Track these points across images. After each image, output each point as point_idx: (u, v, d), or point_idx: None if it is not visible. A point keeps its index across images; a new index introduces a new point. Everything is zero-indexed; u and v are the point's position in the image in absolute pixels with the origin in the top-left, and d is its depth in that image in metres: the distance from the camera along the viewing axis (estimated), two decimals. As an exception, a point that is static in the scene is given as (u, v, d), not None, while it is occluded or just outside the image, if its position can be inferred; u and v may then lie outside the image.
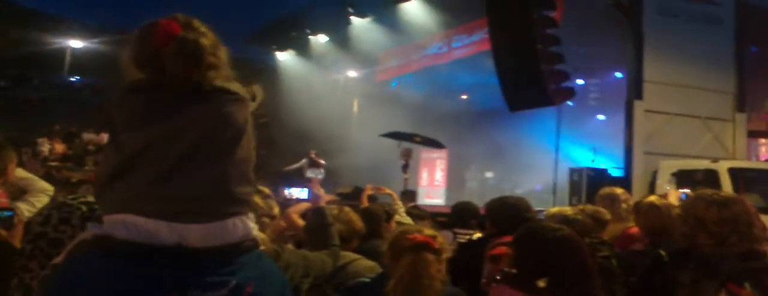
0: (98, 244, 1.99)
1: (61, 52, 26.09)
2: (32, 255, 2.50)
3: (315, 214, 3.43)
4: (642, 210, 3.99)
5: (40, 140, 18.98)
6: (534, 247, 2.62)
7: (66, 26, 26.83)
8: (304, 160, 17.60)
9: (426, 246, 2.76)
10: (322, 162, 17.61)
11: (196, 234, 1.96)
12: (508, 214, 3.82)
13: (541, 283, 2.46)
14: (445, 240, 2.92)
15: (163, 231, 1.94)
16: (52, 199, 3.28)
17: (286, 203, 3.68)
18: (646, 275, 3.05)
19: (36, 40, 25.50)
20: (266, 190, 3.48)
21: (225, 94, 2.11)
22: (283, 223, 3.76)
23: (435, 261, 2.72)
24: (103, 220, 2.03)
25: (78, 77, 28.78)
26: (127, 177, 2.04)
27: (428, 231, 2.88)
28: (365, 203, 5.94)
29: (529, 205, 3.96)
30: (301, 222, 3.85)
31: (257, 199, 3.21)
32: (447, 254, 2.82)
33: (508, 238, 3.04)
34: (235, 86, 2.17)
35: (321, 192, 3.49)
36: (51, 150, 18.62)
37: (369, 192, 6.50)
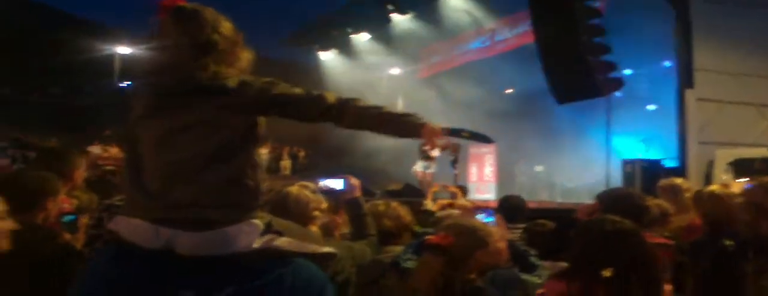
0: (111, 238, 2.12)
1: (110, 59, 26.67)
2: (91, 257, 2.56)
3: (350, 205, 3.45)
4: (702, 200, 3.91)
5: (93, 147, 19.42)
6: (592, 240, 2.58)
7: (113, 33, 27.41)
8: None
9: (431, 247, 2.77)
10: (435, 154, 16.92)
11: (185, 242, 1.98)
12: (623, 206, 3.54)
13: (607, 273, 2.41)
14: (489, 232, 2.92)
15: (151, 235, 1.99)
16: (100, 202, 3.35)
17: (325, 195, 3.68)
18: (714, 265, 2.99)
19: (85, 48, 26.12)
20: (311, 185, 3.50)
21: (223, 96, 2.06)
22: (339, 219, 3.78)
23: (440, 262, 2.70)
24: (119, 219, 2.13)
25: (128, 83, 29.42)
26: (133, 180, 2.12)
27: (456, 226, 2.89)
28: (430, 199, 6.01)
29: (643, 195, 3.74)
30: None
31: (308, 194, 3.26)
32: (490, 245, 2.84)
33: None
34: (238, 78, 2.11)
35: (356, 182, 3.52)
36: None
37: (435, 189, 6.57)
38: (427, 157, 15.81)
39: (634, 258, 2.46)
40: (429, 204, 5.84)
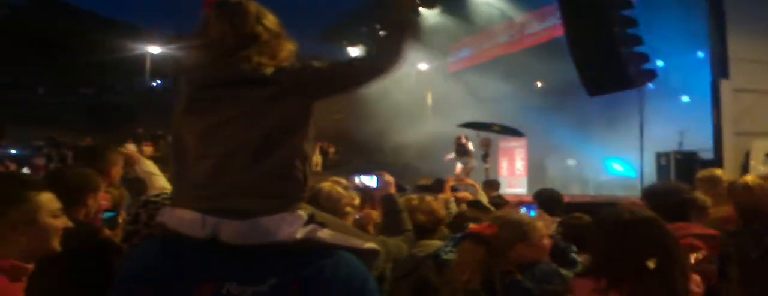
0: (158, 230, 2.16)
1: (142, 58, 27.03)
2: (129, 253, 2.60)
3: (386, 201, 3.46)
4: (737, 191, 3.88)
5: (127, 145, 19.71)
6: (611, 231, 2.53)
7: (144, 33, 27.79)
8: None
9: (473, 236, 2.83)
10: (471, 148, 16.26)
11: (230, 230, 2.00)
12: (669, 200, 3.43)
13: (651, 264, 2.36)
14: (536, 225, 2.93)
15: (198, 224, 2.02)
16: (136, 199, 3.40)
17: (358, 191, 3.70)
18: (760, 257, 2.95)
19: (117, 48, 26.52)
20: (344, 181, 3.51)
21: (266, 86, 2.09)
22: (374, 213, 3.79)
23: (481, 251, 2.74)
24: (165, 211, 2.17)
25: (159, 82, 29.79)
26: (179, 173, 2.19)
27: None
28: (448, 194, 5.94)
29: (688, 188, 3.70)
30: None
31: (340, 190, 3.29)
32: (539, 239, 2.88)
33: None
34: (274, 66, 2.13)
35: (390, 179, 3.53)
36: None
37: (451, 183, 6.51)
38: (464, 152, 15.77)
39: (658, 246, 2.41)
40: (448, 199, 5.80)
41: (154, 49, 26.89)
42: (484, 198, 6.03)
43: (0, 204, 1.93)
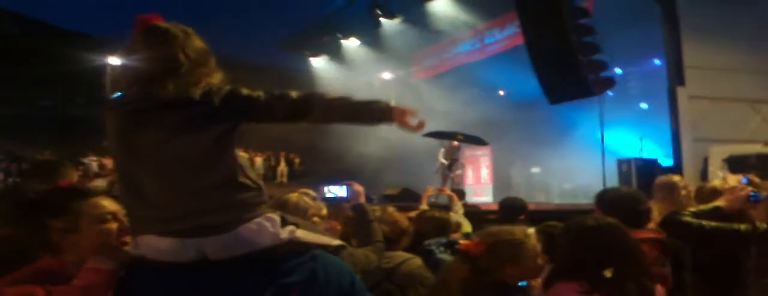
0: (138, 262, 2.12)
1: (101, 70, 26.59)
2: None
3: (356, 211, 3.45)
4: (704, 196, 3.93)
5: (88, 159, 19.35)
6: (576, 238, 2.58)
7: (105, 45, 27.37)
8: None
9: (460, 253, 2.78)
10: (452, 159, 16.08)
11: (215, 246, 2.02)
12: (623, 206, 3.45)
13: (608, 273, 2.41)
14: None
15: (179, 249, 2.03)
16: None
17: (325, 201, 3.69)
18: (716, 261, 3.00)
19: (76, 59, 26.05)
20: (311, 192, 3.51)
21: (196, 106, 2.10)
22: (338, 225, 3.79)
23: (465, 270, 2.68)
24: (135, 241, 2.16)
25: (120, 94, 29.31)
26: (131, 198, 2.16)
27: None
28: (424, 204, 5.97)
29: (644, 197, 3.68)
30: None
31: (308, 200, 3.29)
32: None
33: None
34: (202, 89, 2.14)
35: (360, 189, 3.52)
36: (100, 166, 18.97)
37: (430, 193, 6.54)
38: (451, 163, 15.55)
39: (620, 251, 2.46)
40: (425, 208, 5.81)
41: (115, 61, 26.41)
42: (459, 209, 6.07)
43: (45, 216, 2.14)
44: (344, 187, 3.61)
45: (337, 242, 2.44)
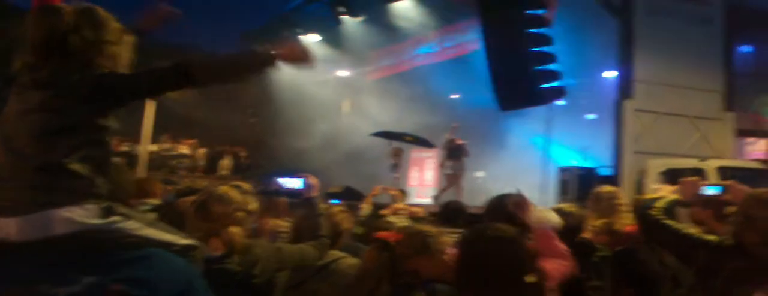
0: None
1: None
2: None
3: (306, 205, 3.43)
4: (639, 208, 4.01)
5: None
6: (472, 248, 2.60)
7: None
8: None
9: (377, 241, 2.83)
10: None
11: (13, 227, 1.97)
12: (503, 213, 3.54)
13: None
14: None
15: None
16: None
17: (278, 193, 3.66)
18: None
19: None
20: (246, 186, 3.40)
21: (49, 88, 2.09)
22: (270, 222, 3.74)
23: (383, 258, 2.74)
24: None
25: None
26: None
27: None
28: (369, 203, 5.97)
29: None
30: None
31: (235, 194, 3.11)
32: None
33: None
34: (86, 74, 2.12)
35: (315, 182, 3.50)
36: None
37: (376, 192, 6.52)
38: (457, 155, 15.28)
39: (513, 262, 2.49)
40: (366, 208, 5.84)
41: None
42: (401, 209, 6.09)
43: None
44: (300, 179, 3.59)
45: (184, 241, 2.30)
